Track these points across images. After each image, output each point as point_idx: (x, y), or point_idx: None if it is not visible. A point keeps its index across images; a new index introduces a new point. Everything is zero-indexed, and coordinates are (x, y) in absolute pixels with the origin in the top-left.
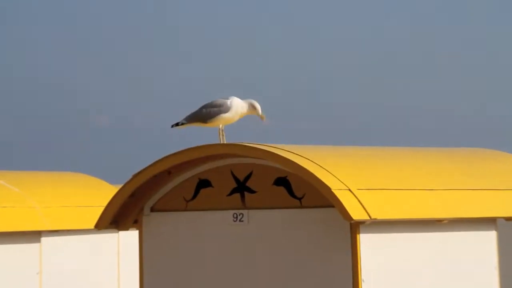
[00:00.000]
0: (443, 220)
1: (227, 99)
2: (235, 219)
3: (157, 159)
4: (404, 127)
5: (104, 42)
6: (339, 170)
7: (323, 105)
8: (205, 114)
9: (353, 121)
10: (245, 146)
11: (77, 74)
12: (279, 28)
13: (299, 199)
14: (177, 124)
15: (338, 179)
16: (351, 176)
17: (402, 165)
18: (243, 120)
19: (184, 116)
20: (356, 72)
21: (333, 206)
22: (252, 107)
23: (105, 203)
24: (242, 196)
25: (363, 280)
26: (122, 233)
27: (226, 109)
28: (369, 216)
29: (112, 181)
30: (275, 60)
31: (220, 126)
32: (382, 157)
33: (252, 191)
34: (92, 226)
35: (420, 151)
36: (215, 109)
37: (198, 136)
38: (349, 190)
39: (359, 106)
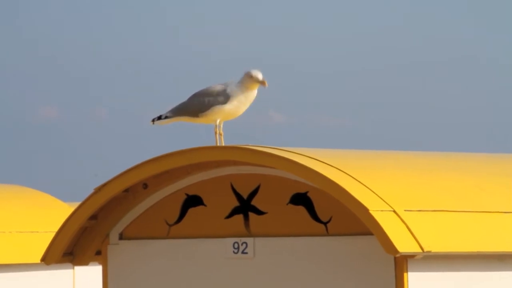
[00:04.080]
0: None
1: (227, 84)
2: (236, 250)
3: (129, 167)
4: (468, 126)
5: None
6: (379, 183)
7: (356, 94)
8: (196, 105)
9: (398, 116)
10: (250, 149)
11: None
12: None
13: (325, 223)
14: (159, 118)
15: (378, 196)
16: (396, 192)
17: (467, 177)
18: (249, 114)
19: (170, 108)
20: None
21: (371, 234)
22: (250, 78)
23: (56, 227)
24: (246, 219)
25: None
26: (79, 269)
27: (225, 99)
28: (421, 248)
29: (66, 198)
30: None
31: (217, 121)
32: (437, 166)
33: (259, 212)
34: (38, 259)
35: (491, 158)
36: (210, 98)
37: (186, 136)
38: (394, 211)
39: (403, 93)
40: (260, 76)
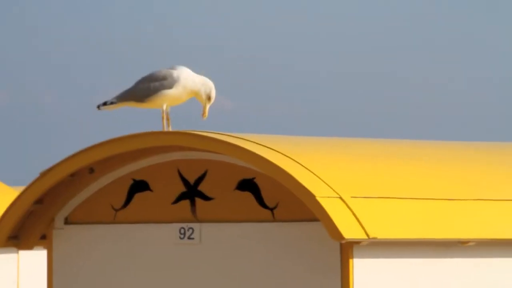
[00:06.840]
0: (469, 241)
1: (174, 69)
2: (182, 236)
3: (75, 151)
4: (416, 114)
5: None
6: (326, 170)
7: (304, 85)
8: (142, 90)
9: (346, 104)
10: (198, 135)
11: None
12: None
13: (271, 209)
14: (105, 104)
15: (325, 182)
16: (342, 179)
17: (413, 165)
18: (197, 100)
19: (117, 94)
20: (348, 42)
21: (317, 220)
22: (205, 89)
23: (1, 211)
24: (193, 205)
25: None
26: (23, 253)
27: (171, 83)
28: (367, 235)
29: (10, 182)
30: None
31: (164, 107)
32: (385, 153)
33: (206, 198)
34: None
35: (439, 146)
36: (156, 83)
37: (134, 121)
38: (340, 198)
39: (352, 84)
40: (212, 100)
